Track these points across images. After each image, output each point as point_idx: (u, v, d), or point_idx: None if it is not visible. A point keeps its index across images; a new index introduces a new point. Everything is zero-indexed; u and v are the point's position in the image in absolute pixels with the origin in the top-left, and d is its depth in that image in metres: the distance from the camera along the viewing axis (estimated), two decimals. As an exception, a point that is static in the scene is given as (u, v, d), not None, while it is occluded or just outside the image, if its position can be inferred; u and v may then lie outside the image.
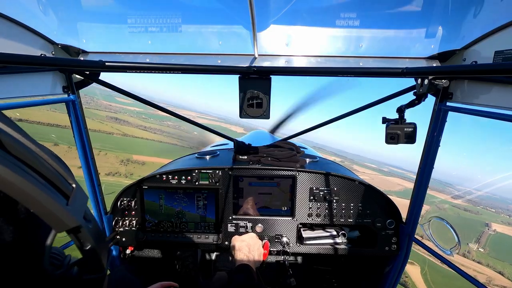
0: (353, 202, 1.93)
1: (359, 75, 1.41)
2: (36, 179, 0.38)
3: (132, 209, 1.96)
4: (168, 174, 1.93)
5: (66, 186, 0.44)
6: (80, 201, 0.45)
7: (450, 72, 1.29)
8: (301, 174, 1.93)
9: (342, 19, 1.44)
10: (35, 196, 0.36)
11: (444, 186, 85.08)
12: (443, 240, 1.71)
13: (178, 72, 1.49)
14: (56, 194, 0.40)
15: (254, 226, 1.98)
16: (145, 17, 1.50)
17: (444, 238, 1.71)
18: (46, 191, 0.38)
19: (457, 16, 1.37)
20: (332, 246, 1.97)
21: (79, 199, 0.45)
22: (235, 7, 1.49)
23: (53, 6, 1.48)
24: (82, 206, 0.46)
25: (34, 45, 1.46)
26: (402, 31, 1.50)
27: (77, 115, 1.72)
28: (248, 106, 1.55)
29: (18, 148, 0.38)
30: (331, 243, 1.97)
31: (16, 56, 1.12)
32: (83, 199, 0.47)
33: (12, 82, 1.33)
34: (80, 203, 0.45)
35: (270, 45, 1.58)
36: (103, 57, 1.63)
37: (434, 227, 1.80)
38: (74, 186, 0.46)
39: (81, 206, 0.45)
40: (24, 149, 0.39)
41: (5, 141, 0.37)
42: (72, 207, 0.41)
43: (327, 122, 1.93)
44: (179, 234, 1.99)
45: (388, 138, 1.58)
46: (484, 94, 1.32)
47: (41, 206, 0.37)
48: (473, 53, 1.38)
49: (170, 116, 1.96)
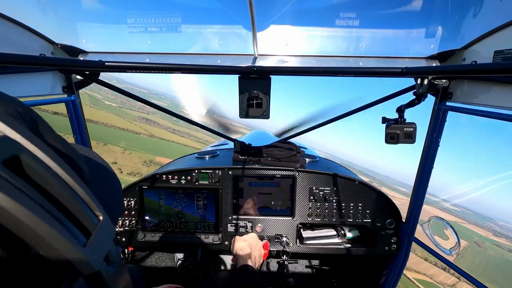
0: (353, 202, 1.93)
1: (358, 75, 1.41)
2: (49, 212, 0.29)
3: (132, 209, 1.96)
4: (168, 174, 1.92)
5: (90, 220, 0.34)
6: (104, 238, 0.35)
7: (450, 72, 1.29)
8: (301, 174, 1.93)
9: (341, 19, 1.44)
10: (43, 236, 0.27)
11: (484, 221, 77.51)
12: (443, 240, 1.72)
13: (178, 72, 1.49)
14: (73, 232, 0.31)
15: (254, 226, 1.98)
16: (145, 17, 1.50)
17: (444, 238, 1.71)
18: (60, 229, 0.29)
19: (456, 16, 1.38)
20: (332, 246, 1.97)
21: (103, 235, 0.35)
22: (235, 7, 1.49)
23: (52, 6, 1.48)
24: (105, 244, 0.36)
25: (33, 45, 1.46)
26: (401, 31, 1.51)
27: (77, 115, 1.71)
28: (248, 106, 1.54)
29: (32, 165, 0.29)
30: (331, 243, 1.97)
31: (15, 56, 1.12)
32: (109, 235, 0.37)
33: (12, 82, 1.33)
34: (103, 241, 0.35)
35: (270, 45, 1.58)
36: (102, 57, 1.63)
37: (434, 227, 1.80)
38: (101, 219, 0.36)
39: (105, 244, 0.35)
40: (40, 167, 0.30)
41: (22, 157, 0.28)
42: (91, 248, 0.32)
43: (327, 122, 1.93)
44: (179, 234, 1.99)
45: (388, 137, 1.58)
46: (483, 93, 1.32)
47: (50, 247, 0.28)
48: (473, 53, 1.38)
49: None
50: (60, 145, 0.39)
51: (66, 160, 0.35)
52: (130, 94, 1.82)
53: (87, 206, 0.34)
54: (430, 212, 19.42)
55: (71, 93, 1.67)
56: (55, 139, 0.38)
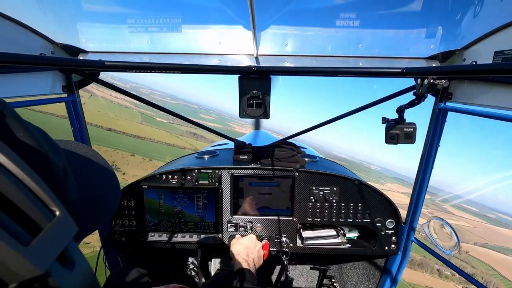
0: (353, 202, 1.94)
1: (359, 75, 1.41)
2: None
3: (132, 209, 1.96)
4: (168, 174, 1.92)
5: (42, 215, 0.30)
6: (58, 235, 0.31)
7: (450, 72, 1.29)
8: (301, 174, 1.93)
9: (342, 19, 1.44)
10: None
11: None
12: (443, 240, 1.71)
13: (178, 72, 1.48)
14: (11, 229, 0.27)
15: (254, 226, 1.98)
16: (145, 16, 1.50)
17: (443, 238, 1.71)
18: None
19: (457, 16, 1.38)
20: (331, 246, 1.97)
21: (57, 232, 0.31)
22: (235, 7, 1.49)
23: (53, 5, 1.48)
24: (60, 242, 0.31)
25: (33, 44, 1.46)
26: (402, 31, 1.51)
27: (77, 115, 1.71)
28: (248, 106, 1.54)
29: None
30: (331, 243, 1.98)
31: (15, 55, 1.12)
32: (66, 231, 0.33)
33: (11, 81, 1.33)
34: (57, 238, 0.31)
35: (270, 45, 1.58)
36: (102, 56, 1.63)
37: (434, 227, 1.80)
38: (57, 214, 0.32)
39: (59, 242, 0.31)
40: None
41: None
42: (38, 247, 0.28)
43: (327, 122, 1.93)
44: (179, 234, 1.99)
45: (388, 138, 1.58)
46: (483, 94, 1.32)
47: None
48: (473, 53, 1.38)
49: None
50: (28, 139, 0.37)
51: (27, 153, 0.34)
52: (131, 94, 1.82)
53: (40, 200, 0.31)
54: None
55: (71, 93, 1.67)
56: (23, 131, 0.37)
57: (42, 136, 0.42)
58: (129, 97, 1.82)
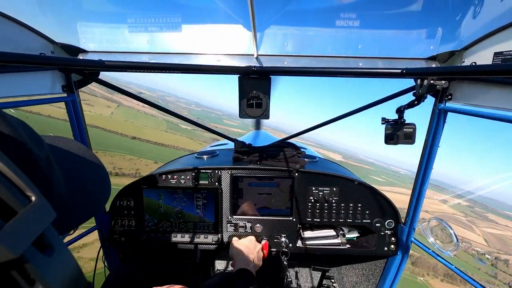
0: (352, 202, 1.94)
1: (358, 75, 1.41)
2: None
3: (131, 209, 1.95)
4: (168, 173, 1.92)
5: (16, 200, 0.31)
6: (34, 220, 0.32)
7: (450, 73, 1.29)
8: (301, 174, 1.93)
9: (342, 19, 1.44)
10: None
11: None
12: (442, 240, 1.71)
13: (178, 72, 1.48)
14: None
15: (254, 226, 1.98)
16: (144, 16, 1.50)
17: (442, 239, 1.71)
18: None
19: (456, 17, 1.38)
20: (331, 247, 1.97)
21: (32, 217, 0.32)
22: (235, 7, 1.49)
23: (53, 5, 1.48)
24: (36, 227, 0.32)
25: (33, 44, 1.46)
26: (401, 32, 1.51)
27: (77, 115, 1.71)
28: (248, 106, 1.54)
29: None
30: (330, 243, 1.97)
31: (15, 55, 1.12)
32: (43, 216, 0.33)
33: (11, 81, 1.33)
34: (33, 223, 0.32)
35: (270, 45, 1.58)
36: (102, 56, 1.63)
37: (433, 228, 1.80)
38: (33, 199, 0.33)
39: (35, 227, 0.32)
40: None
41: None
42: (11, 232, 0.28)
43: (327, 122, 1.93)
44: (178, 234, 1.98)
45: (388, 138, 1.58)
46: (483, 95, 1.32)
47: None
48: (473, 54, 1.38)
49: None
50: (5, 128, 0.38)
51: (2, 141, 0.35)
52: (128, 93, 1.82)
53: (13, 185, 0.32)
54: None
55: (71, 92, 1.67)
56: (3, 122, 0.38)
57: (22, 127, 0.43)
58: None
